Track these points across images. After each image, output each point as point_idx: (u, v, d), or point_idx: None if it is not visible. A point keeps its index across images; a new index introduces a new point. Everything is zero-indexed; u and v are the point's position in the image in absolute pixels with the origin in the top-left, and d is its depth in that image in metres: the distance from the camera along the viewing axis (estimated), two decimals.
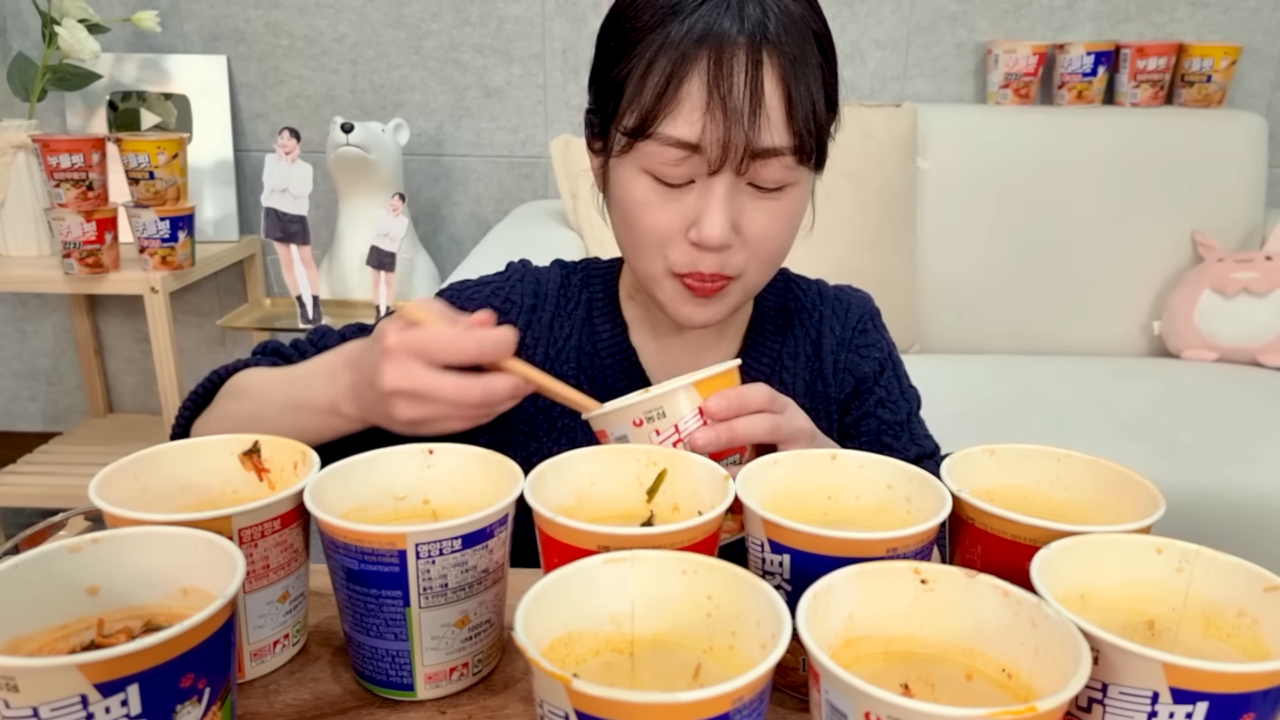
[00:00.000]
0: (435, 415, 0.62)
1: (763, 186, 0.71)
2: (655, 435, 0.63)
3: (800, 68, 0.69)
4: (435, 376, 0.60)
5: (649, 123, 0.69)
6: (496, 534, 0.54)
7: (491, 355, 0.61)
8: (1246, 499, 1.54)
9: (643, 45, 0.70)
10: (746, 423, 0.64)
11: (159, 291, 1.84)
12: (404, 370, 0.60)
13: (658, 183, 0.72)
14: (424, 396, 0.60)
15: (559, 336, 0.85)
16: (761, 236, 0.73)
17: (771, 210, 0.73)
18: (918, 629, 0.47)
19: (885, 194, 1.99)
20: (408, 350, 0.60)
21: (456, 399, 0.60)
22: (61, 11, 1.91)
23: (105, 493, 0.54)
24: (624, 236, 0.77)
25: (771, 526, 0.51)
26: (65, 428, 2.43)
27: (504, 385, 0.61)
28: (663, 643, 0.48)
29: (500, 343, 0.61)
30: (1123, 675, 0.42)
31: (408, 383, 0.60)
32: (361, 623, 0.54)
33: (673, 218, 0.72)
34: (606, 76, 0.74)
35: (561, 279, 0.88)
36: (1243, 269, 2.00)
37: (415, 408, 0.61)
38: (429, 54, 2.23)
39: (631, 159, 0.72)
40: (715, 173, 0.70)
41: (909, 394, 0.88)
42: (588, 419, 0.66)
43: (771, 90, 0.68)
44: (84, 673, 0.39)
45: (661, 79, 0.68)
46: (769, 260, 0.76)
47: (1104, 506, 0.58)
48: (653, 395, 0.63)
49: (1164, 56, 2.10)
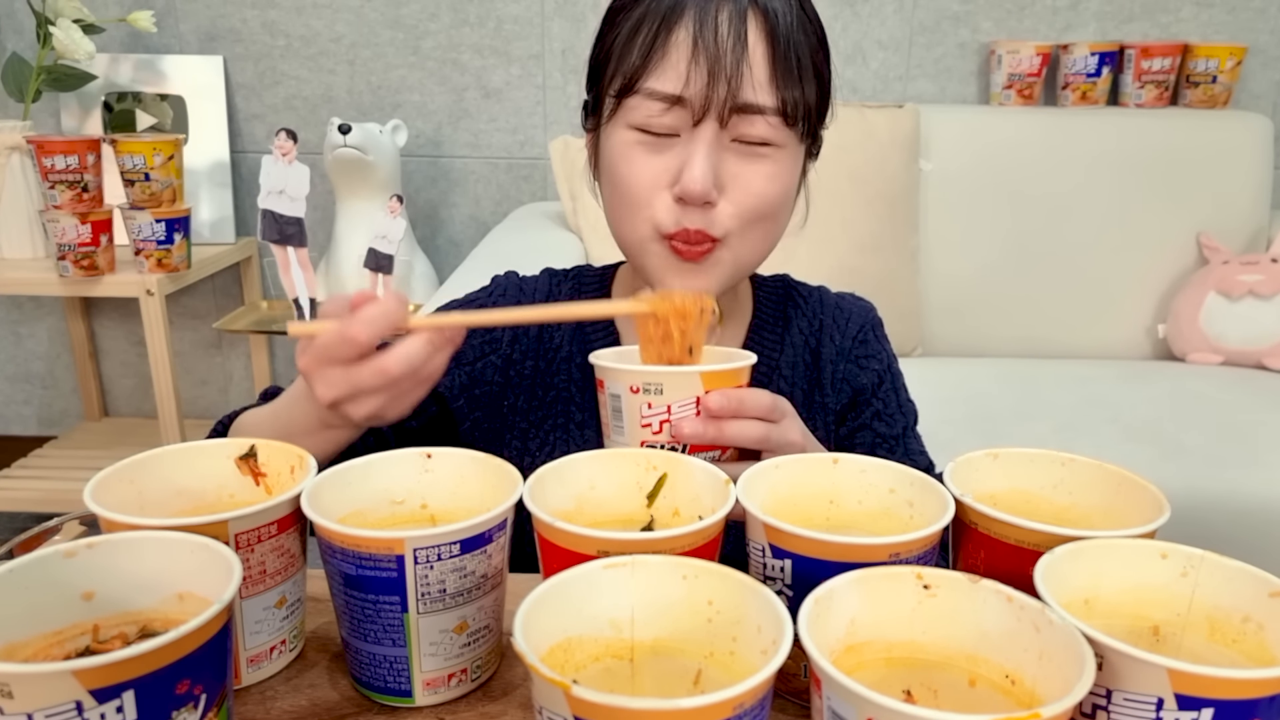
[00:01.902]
0: (380, 401, 0.62)
1: (748, 141, 0.72)
2: (647, 408, 0.63)
3: (787, 29, 0.71)
4: (352, 372, 0.60)
5: (635, 79, 0.72)
6: (495, 539, 0.54)
7: (381, 328, 0.59)
8: (1252, 503, 1.54)
9: (629, 11, 0.73)
10: (737, 426, 0.64)
11: (155, 294, 1.84)
12: (326, 381, 0.61)
13: (643, 135, 0.73)
14: (356, 394, 0.61)
15: (549, 347, 0.85)
16: (746, 194, 0.74)
17: (757, 169, 0.74)
18: (920, 634, 0.47)
19: (887, 196, 1.98)
20: (316, 364, 0.61)
21: (381, 381, 0.60)
22: (56, 11, 1.91)
23: (101, 497, 0.53)
24: (611, 202, 0.78)
25: (773, 531, 0.51)
26: (60, 431, 2.42)
27: (416, 346, 0.60)
28: (663, 648, 0.48)
29: (384, 314, 0.59)
30: (1127, 681, 0.42)
31: (336, 390, 0.61)
32: (359, 628, 0.53)
33: (657, 172, 0.73)
34: (597, 51, 0.77)
35: (549, 288, 0.88)
36: (1248, 271, 2.00)
37: (359, 405, 0.62)
38: (427, 54, 2.22)
39: (619, 117, 0.75)
40: (699, 123, 0.71)
41: (906, 408, 0.88)
42: (593, 361, 0.67)
43: (756, 45, 0.71)
44: (79, 679, 0.38)
45: (648, 37, 0.71)
46: (756, 226, 0.75)
47: (1108, 511, 0.58)
48: (656, 370, 0.64)
49: (1169, 57, 2.09)
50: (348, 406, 0.62)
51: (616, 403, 0.64)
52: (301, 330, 0.62)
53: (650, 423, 0.63)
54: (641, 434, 0.64)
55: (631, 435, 0.64)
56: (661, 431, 0.63)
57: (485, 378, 0.84)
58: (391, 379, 0.60)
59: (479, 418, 0.84)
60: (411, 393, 0.63)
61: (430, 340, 0.61)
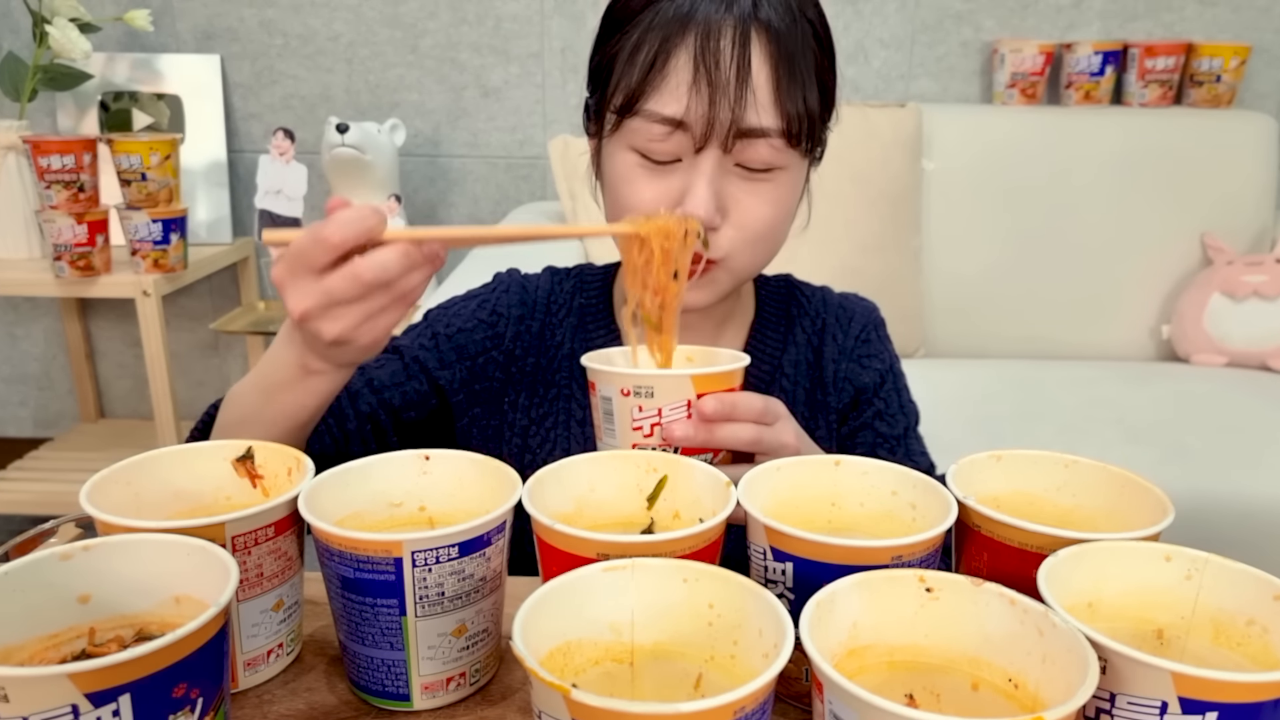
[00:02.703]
0: (354, 317, 0.59)
1: (751, 168, 0.72)
2: (638, 410, 0.63)
3: (790, 49, 0.70)
4: (323, 279, 0.58)
5: (636, 99, 0.71)
6: (494, 541, 0.53)
7: (355, 230, 0.57)
8: (1256, 505, 1.53)
9: (633, 24, 0.72)
10: (729, 429, 0.63)
11: (151, 295, 1.83)
12: (298, 291, 0.58)
13: (645, 160, 0.73)
14: (329, 304, 0.58)
15: (550, 345, 0.85)
16: (749, 219, 0.73)
17: (760, 193, 0.73)
18: (923, 638, 0.47)
19: (889, 195, 1.98)
20: (289, 271, 0.58)
21: (351, 288, 0.57)
22: (52, 10, 1.90)
23: (97, 499, 0.53)
24: (613, 217, 0.77)
25: (774, 534, 0.50)
26: (56, 433, 2.42)
27: (391, 255, 0.57)
28: (663, 652, 0.48)
29: (360, 217, 0.57)
30: (1131, 685, 0.41)
31: (307, 300, 0.58)
32: (357, 632, 0.53)
33: (658, 195, 0.73)
34: (599, 56, 0.76)
35: (552, 286, 0.88)
36: (1253, 272, 1.99)
37: (332, 320, 0.59)
38: (425, 53, 2.22)
39: (620, 137, 0.74)
40: (701, 150, 0.70)
41: (908, 409, 0.87)
42: (585, 364, 0.66)
43: (759, 68, 0.69)
44: (75, 682, 0.38)
45: (649, 56, 0.70)
46: (757, 245, 0.75)
47: (1112, 513, 0.58)
48: (647, 372, 0.64)
49: (1173, 56, 2.09)
50: (319, 322, 0.59)
51: (608, 405, 0.65)
52: (276, 237, 0.59)
53: (641, 425, 0.63)
54: (633, 437, 0.64)
55: (623, 438, 0.64)
56: (653, 434, 0.63)
57: (487, 373, 0.84)
58: (365, 285, 0.57)
59: (478, 414, 0.84)
60: (387, 312, 0.60)
61: (406, 253, 0.58)
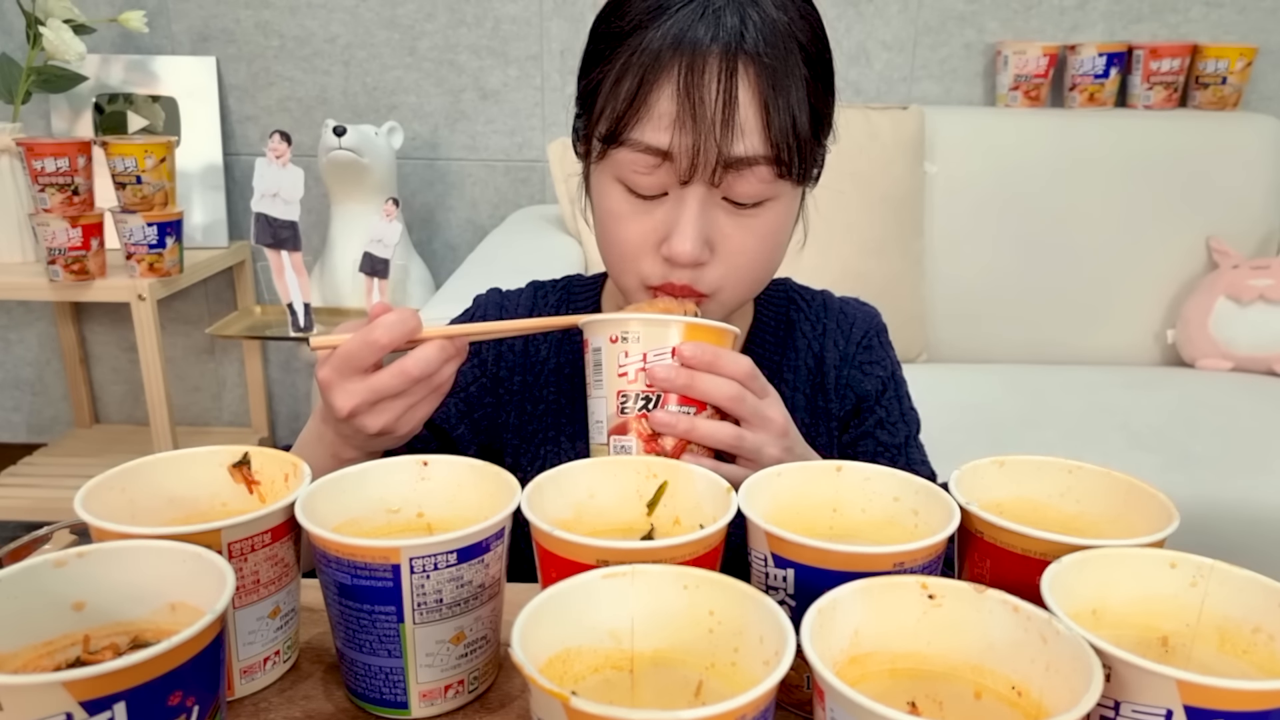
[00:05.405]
0: (397, 409, 0.65)
1: (739, 202, 0.70)
2: (624, 356, 0.65)
3: (779, 78, 0.67)
4: (370, 378, 0.64)
5: (621, 128, 0.69)
6: (493, 548, 0.53)
7: (400, 332, 0.63)
8: (1262, 512, 1.53)
9: (618, 51, 0.70)
10: (710, 380, 0.64)
11: (146, 299, 1.82)
12: (345, 391, 0.64)
13: (630, 194, 0.71)
14: (375, 400, 0.64)
15: (535, 360, 0.84)
16: (737, 254, 0.72)
17: (749, 227, 0.71)
18: (925, 645, 0.46)
19: (892, 198, 1.98)
20: (336, 373, 0.64)
21: (398, 384, 0.63)
22: (46, 12, 1.90)
23: (91, 505, 0.53)
24: (601, 246, 0.77)
25: (775, 540, 0.50)
26: (50, 439, 2.41)
27: (431, 351, 0.64)
28: (663, 659, 0.47)
29: (402, 319, 0.64)
30: (1136, 693, 0.41)
31: (355, 398, 0.64)
32: (354, 639, 0.53)
33: (644, 231, 0.71)
34: (585, 81, 0.75)
35: (534, 300, 0.88)
36: (1259, 276, 1.99)
37: (376, 415, 0.64)
38: (423, 55, 2.22)
39: (606, 167, 0.72)
40: (687, 183, 0.69)
41: (909, 416, 0.87)
42: (578, 321, 0.68)
43: (746, 100, 0.67)
44: (69, 690, 0.38)
45: (633, 84, 0.68)
46: (747, 279, 0.74)
47: (1116, 520, 0.57)
48: (635, 316, 0.66)
49: (1178, 58, 2.08)
50: (364, 417, 0.64)
51: (598, 356, 0.66)
52: (324, 342, 0.65)
53: (626, 371, 0.65)
54: (618, 384, 0.65)
55: (609, 385, 0.65)
56: (636, 380, 0.64)
57: (481, 401, 0.84)
58: (411, 380, 0.63)
59: (482, 442, 0.84)
60: (424, 403, 0.66)
61: (443, 348, 0.64)
